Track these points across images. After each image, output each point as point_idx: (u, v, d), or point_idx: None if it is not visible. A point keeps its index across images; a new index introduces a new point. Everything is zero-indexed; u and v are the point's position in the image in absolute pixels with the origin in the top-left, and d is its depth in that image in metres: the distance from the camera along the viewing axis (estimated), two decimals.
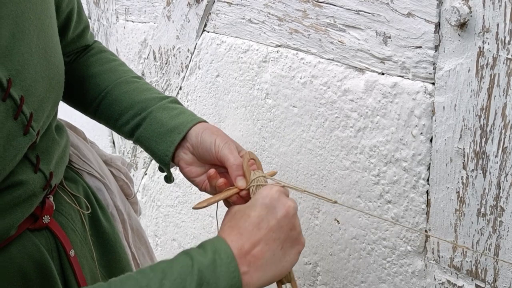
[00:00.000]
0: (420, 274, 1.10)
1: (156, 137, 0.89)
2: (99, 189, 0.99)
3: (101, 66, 0.97)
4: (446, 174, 0.99)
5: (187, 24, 1.44)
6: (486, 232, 0.96)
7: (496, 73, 0.86)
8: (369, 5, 1.00)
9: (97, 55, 0.99)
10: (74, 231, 0.88)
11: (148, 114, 0.90)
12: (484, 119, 0.90)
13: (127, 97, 0.93)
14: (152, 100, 0.92)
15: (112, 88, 0.94)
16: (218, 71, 1.42)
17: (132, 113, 0.92)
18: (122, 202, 1.06)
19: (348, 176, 1.17)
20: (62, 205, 0.88)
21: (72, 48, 0.98)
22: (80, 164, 0.97)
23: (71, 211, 0.89)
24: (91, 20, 1.84)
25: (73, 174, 0.95)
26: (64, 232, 0.86)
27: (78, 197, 0.91)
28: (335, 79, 1.12)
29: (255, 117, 1.36)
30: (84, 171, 0.97)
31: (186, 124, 0.88)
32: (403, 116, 1.03)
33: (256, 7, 1.23)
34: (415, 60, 0.97)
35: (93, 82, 0.96)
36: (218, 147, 0.84)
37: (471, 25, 0.86)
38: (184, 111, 0.91)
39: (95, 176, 0.98)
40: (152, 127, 0.90)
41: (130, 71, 0.99)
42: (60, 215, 0.87)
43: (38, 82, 0.74)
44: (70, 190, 0.91)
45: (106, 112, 0.95)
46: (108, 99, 0.94)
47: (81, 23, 0.97)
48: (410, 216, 1.08)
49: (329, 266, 1.30)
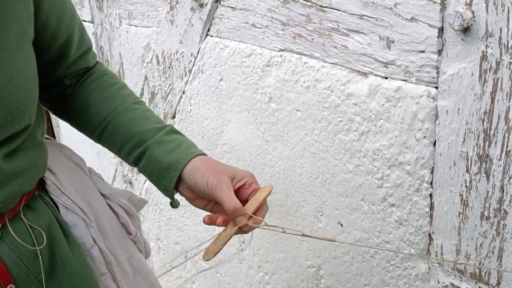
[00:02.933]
0: (424, 277, 1.11)
1: (156, 173, 0.91)
2: (75, 225, 0.92)
3: (101, 93, 0.97)
4: (449, 177, 0.99)
5: (191, 29, 1.45)
6: (490, 235, 0.96)
7: (499, 77, 0.86)
8: (372, 9, 1.00)
9: (98, 80, 0.98)
10: (19, 265, 0.82)
11: (146, 149, 0.92)
12: (488, 122, 0.90)
13: (125, 128, 0.93)
14: (149, 132, 0.92)
15: (112, 118, 0.94)
16: (222, 75, 1.43)
17: (132, 145, 0.93)
18: (120, 241, 0.99)
19: (352, 180, 1.18)
20: (9, 236, 0.82)
21: (73, 70, 0.96)
22: (57, 195, 0.91)
23: (19, 243, 0.83)
24: (94, 24, 1.85)
25: (42, 204, 0.89)
26: (3, 264, 0.81)
27: (36, 229, 0.85)
28: (338, 83, 1.13)
29: (259, 121, 1.36)
30: (61, 204, 0.91)
31: (181, 161, 0.89)
32: (406, 119, 1.03)
33: (259, 12, 1.24)
34: (418, 64, 0.97)
35: (94, 111, 0.96)
36: (211, 189, 0.85)
37: (474, 29, 0.87)
38: (180, 144, 0.91)
39: (74, 210, 0.92)
40: (151, 164, 0.91)
41: (130, 94, 0.99)
42: (5, 246, 0.82)
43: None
44: (27, 220, 0.85)
45: (109, 142, 0.96)
46: (109, 129, 0.95)
47: (83, 45, 0.96)
48: (414, 219, 1.08)
49: (333, 269, 1.30)
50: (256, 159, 1.41)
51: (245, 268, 1.59)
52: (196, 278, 1.82)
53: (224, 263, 1.67)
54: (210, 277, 1.76)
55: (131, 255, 1.01)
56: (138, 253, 1.03)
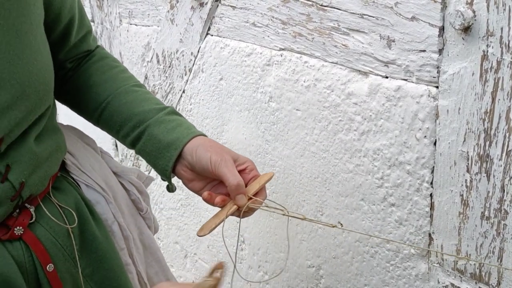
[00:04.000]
0: (424, 277, 1.11)
1: (155, 152, 0.90)
2: (98, 202, 0.95)
3: (103, 75, 0.97)
4: (450, 177, 0.99)
5: (191, 28, 1.45)
6: (490, 235, 0.96)
7: (500, 76, 0.86)
8: (373, 9, 1.00)
9: (99, 62, 0.99)
10: (55, 245, 0.85)
11: (145, 128, 0.91)
12: (488, 122, 0.90)
13: (125, 109, 0.93)
14: (149, 112, 0.92)
15: (112, 99, 0.94)
16: (222, 74, 1.43)
17: (131, 125, 0.92)
18: (132, 217, 1.02)
19: (352, 179, 1.17)
20: (44, 217, 0.84)
21: (74, 53, 0.97)
22: (78, 175, 0.94)
23: (54, 223, 0.85)
24: (94, 23, 1.85)
25: (66, 184, 0.92)
26: (42, 245, 0.83)
27: (67, 209, 0.88)
28: (339, 83, 1.13)
29: (259, 120, 1.36)
30: (82, 182, 0.94)
31: (182, 139, 0.88)
32: (407, 119, 1.03)
33: (260, 11, 1.24)
34: (419, 64, 0.97)
35: (94, 92, 0.96)
36: (214, 165, 0.84)
37: (475, 29, 0.87)
38: (180, 123, 0.91)
39: (94, 188, 0.95)
40: (150, 142, 0.91)
41: (131, 78, 0.99)
42: (40, 227, 0.84)
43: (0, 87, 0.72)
44: (57, 201, 0.87)
45: (108, 123, 0.96)
46: (109, 109, 0.94)
47: (84, 28, 0.96)
48: (414, 219, 1.08)
49: (332, 269, 1.30)
50: (256, 159, 1.40)
51: (245, 267, 1.59)
52: (196, 277, 1.82)
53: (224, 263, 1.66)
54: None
55: (141, 231, 1.04)
56: (147, 230, 1.05)
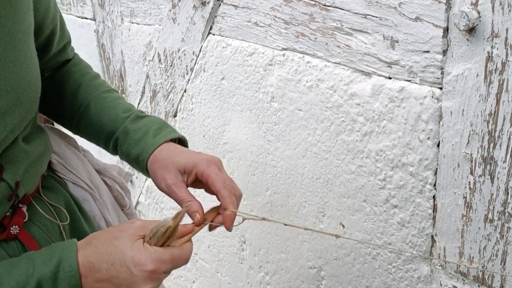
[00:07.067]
0: (426, 279, 1.10)
1: (132, 162, 0.92)
2: (85, 199, 0.96)
3: (74, 84, 0.97)
4: (453, 179, 0.98)
5: (193, 27, 1.44)
6: (493, 238, 0.95)
7: (505, 78, 0.85)
8: (376, 9, 0.99)
9: (71, 68, 0.99)
10: (49, 242, 0.85)
11: (116, 141, 0.93)
12: (492, 124, 0.89)
13: (96, 120, 0.95)
14: (116, 121, 0.93)
15: (84, 110, 0.95)
16: (224, 74, 1.42)
17: (104, 137, 0.95)
18: (116, 213, 1.03)
19: (354, 180, 1.17)
20: (37, 216, 0.85)
21: (53, 63, 0.98)
22: (64, 173, 0.95)
23: (47, 221, 0.86)
24: (96, 22, 1.84)
25: (54, 183, 0.93)
26: (36, 244, 0.83)
27: (57, 207, 0.89)
28: (341, 83, 1.12)
29: (260, 120, 1.36)
30: (69, 181, 0.95)
31: (144, 155, 0.89)
32: (410, 120, 1.02)
33: (262, 10, 1.23)
34: (422, 65, 0.96)
35: (67, 104, 0.97)
36: (168, 191, 0.84)
37: (479, 30, 0.86)
38: (146, 131, 0.91)
39: (81, 186, 0.96)
40: (124, 155, 0.93)
41: (102, 84, 0.99)
42: (34, 226, 0.84)
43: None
44: (47, 200, 0.88)
45: (86, 135, 0.98)
46: (83, 121, 0.96)
47: (64, 39, 0.97)
48: (417, 221, 1.07)
49: (334, 271, 1.30)
50: (258, 159, 1.40)
51: (246, 268, 1.58)
52: (197, 277, 1.82)
53: (225, 263, 1.66)
54: (210, 276, 1.75)
55: None
56: None
